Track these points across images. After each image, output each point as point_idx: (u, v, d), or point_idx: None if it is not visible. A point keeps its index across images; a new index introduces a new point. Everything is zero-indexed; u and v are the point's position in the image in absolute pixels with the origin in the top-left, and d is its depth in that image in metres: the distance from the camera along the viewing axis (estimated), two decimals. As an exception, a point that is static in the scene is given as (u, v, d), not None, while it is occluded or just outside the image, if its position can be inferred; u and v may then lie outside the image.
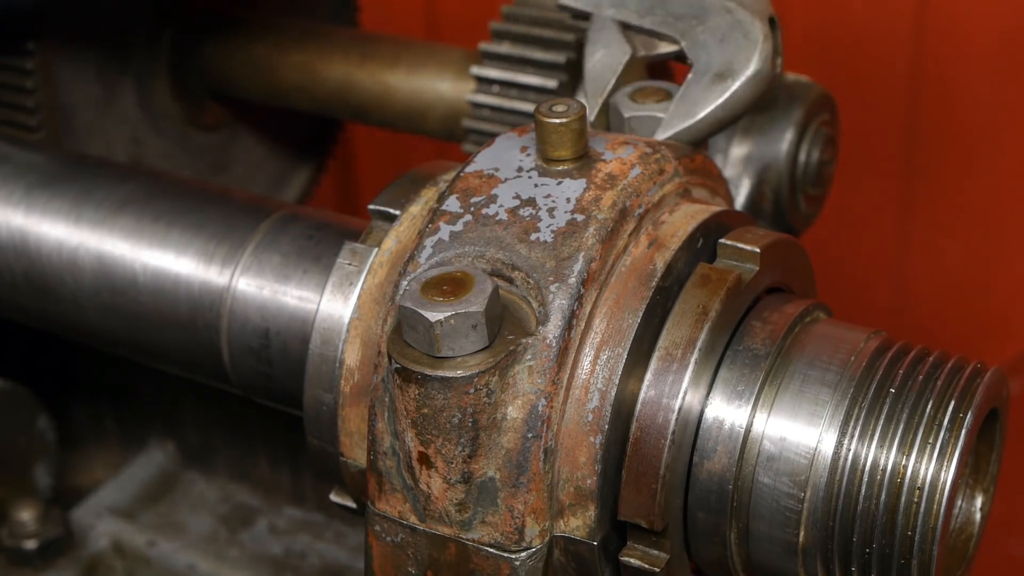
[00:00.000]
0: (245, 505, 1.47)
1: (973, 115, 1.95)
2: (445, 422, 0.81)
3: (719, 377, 0.86)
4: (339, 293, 0.94)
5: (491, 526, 0.84)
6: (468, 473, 0.82)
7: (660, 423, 0.83)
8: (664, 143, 0.93)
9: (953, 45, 1.91)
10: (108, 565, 1.41)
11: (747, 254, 0.88)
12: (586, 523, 0.84)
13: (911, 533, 0.82)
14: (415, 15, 2.16)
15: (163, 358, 1.12)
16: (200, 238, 1.07)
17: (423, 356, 0.81)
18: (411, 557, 0.87)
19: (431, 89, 1.36)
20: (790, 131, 1.18)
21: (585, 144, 0.89)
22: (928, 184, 2.02)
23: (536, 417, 0.82)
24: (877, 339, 0.88)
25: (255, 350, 1.03)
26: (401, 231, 0.94)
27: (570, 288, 0.83)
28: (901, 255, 2.10)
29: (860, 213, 2.06)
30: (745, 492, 0.86)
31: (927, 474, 0.82)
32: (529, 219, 0.86)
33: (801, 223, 1.23)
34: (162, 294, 1.07)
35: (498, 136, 0.94)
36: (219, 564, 1.40)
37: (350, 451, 0.92)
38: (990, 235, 2.02)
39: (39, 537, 1.35)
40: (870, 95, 1.97)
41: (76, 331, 1.15)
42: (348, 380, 0.91)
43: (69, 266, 1.11)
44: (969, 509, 0.92)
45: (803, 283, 0.97)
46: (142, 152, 1.44)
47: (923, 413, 0.84)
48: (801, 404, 0.85)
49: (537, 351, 0.82)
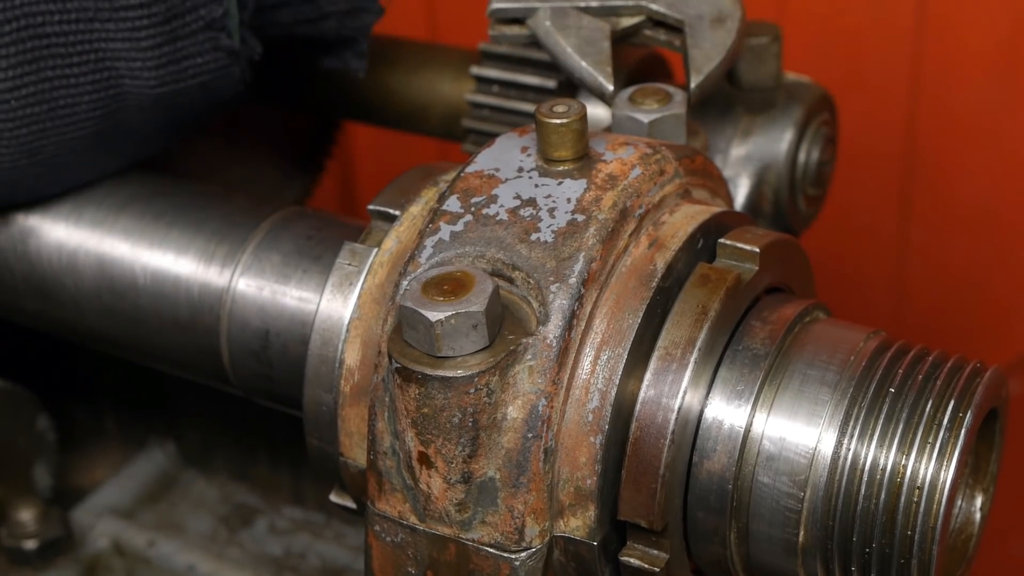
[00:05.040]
0: (245, 505, 1.47)
1: (973, 115, 1.95)
2: (445, 422, 0.81)
3: (719, 377, 0.86)
4: (339, 293, 0.94)
5: (491, 526, 0.84)
6: (468, 473, 0.83)
7: (660, 423, 0.83)
8: (664, 144, 0.93)
9: (953, 45, 1.91)
10: (108, 565, 1.41)
11: (747, 254, 0.88)
12: (586, 523, 0.85)
13: (911, 533, 0.82)
14: (415, 15, 2.16)
15: (163, 359, 1.12)
16: (200, 238, 1.07)
17: (423, 356, 0.81)
18: (411, 557, 0.87)
19: (431, 89, 1.36)
20: (790, 131, 1.17)
21: (586, 144, 0.89)
22: (928, 184, 2.02)
23: (536, 417, 0.82)
24: (876, 339, 0.89)
25: (255, 351, 1.03)
26: (401, 231, 0.94)
27: (570, 288, 0.83)
28: (901, 255, 2.10)
29: (860, 213, 2.06)
30: (745, 492, 0.86)
31: (927, 474, 0.82)
32: (530, 219, 0.86)
33: (801, 223, 1.23)
34: (162, 296, 1.07)
35: (498, 136, 0.94)
36: (219, 564, 1.40)
37: (350, 451, 0.92)
38: (989, 235, 2.02)
39: (39, 537, 1.35)
40: (870, 95, 1.97)
41: (76, 333, 1.15)
42: (348, 380, 0.91)
43: (69, 268, 1.11)
44: (969, 509, 0.92)
45: (803, 283, 0.97)
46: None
47: (923, 413, 0.84)
48: (801, 404, 0.86)
49: (537, 351, 0.82)
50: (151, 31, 1.02)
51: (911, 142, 2.00)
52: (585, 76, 1.01)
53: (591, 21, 1.02)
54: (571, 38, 1.01)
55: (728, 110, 1.18)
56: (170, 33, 1.03)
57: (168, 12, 1.02)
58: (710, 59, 1.01)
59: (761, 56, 1.15)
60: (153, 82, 1.05)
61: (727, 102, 1.18)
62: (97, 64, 1.04)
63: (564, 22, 1.02)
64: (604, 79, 0.99)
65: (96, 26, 1.02)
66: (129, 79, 1.04)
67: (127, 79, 1.04)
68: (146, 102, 1.06)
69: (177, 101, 1.07)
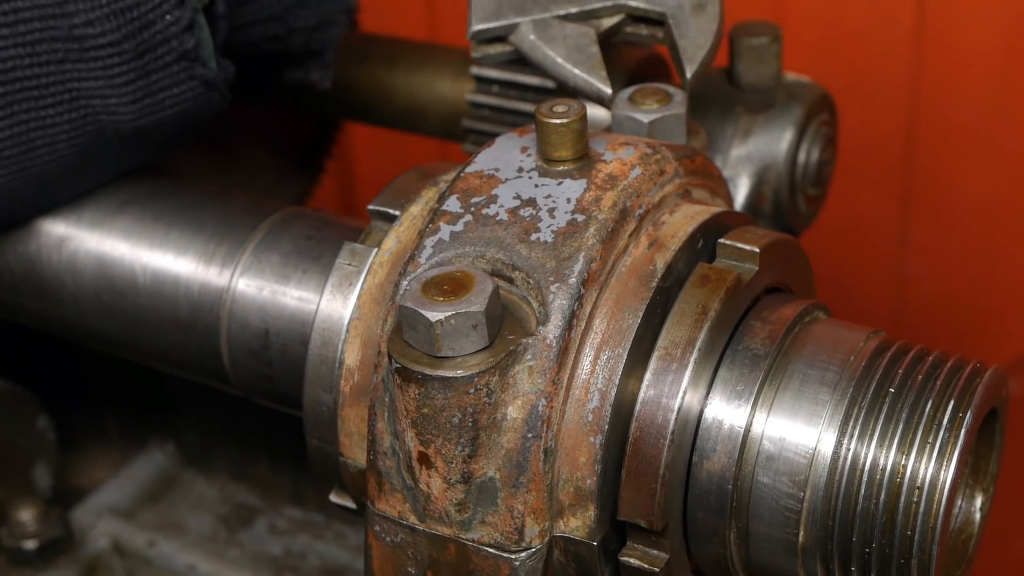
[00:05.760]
0: (245, 505, 1.47)
1: (972, 115, 1.95)
2: (445, 422, 0.81)
3: (718, 377, 0.86)
4: (339, 293, 0.94)
5: (491, 526, 0.84)
6: (468, 473, 0.83)
7: (660, 423, 0.83)
8: (664, 144, 0.93)
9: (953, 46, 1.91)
10: (108, 565, 1.41)
11: (746, 254, 0.88)
12: (586, 523, 0.85)
13: (911, 533, 0.82)
14: (415, 15, 2.16)
15: (163, 359, 1.12)
16: (200, 238, 1.07)
17: (423, 356, 0.81)
18: (411, 557, 0.87)
19: (430, 89, 1.36)
20: (790, 131, 1.17)
21: (585, 145, 0.89)
22: (928, 184, 2.02)
23: (536, 417, 0.82)
24: (876, 339, 0.88)
25: (255, 351, 1.03)
26: (401, 231, 0.94)
27: (570, 288, 0.83)
28: (901, 255, 2.10)
29: (860, 213, 2.06)
30: (744, 492, 0.86)
31: (927, 474, 0.82)
32: (529, 219, 0.86)
33: (801, 223, 1.23)
34: (162, 295, 1.07)
35: (498, 136, 0.94)
36: (219, 564, 1.40)
37: (350, 451, 0.92)
38: (989, 236, 2.02)
39: (39, 537, 1.35)
40: (870, 95, 1.97)
41: (76, 332, 1.15)
42: (348, 380, 0.91)
43: (69, 268, 1.11)
44: (969, 509, 0.92)
45: (802, 283, 0.97)
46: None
47: (922, 413, 0.84)
48: (800, 404, 0.85)
49: (537, 351, 0.82)
50: (123, 67, 1.02)
51: (911, 142, 2.00)
52: (580, 83, 1.00)
53: (575, 28, 1.01)
54: (559, 48, 1.01)
55: (728, 110, 1.18)
56: (143, 68, 1.02)
57: (139, 48, 1.02)
58: (700, 47, 1.00)
59: (761, 56, 1.15)
60: (131, 116, 1.04)
61: (727, 102, 1.18)
62: (72, 104, 1.03)
63: (548, 33, 1.01)
64: (600, 83, 0.99)
65: (67, 67, 1.02)
66: (105, 115, 1.04)
67: (103, 115, 1.04)
68: (126, 133, 1.06)
69: (159, 130, 1.07)
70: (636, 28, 1.03)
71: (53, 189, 1.09)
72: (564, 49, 1.00)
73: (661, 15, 1.02)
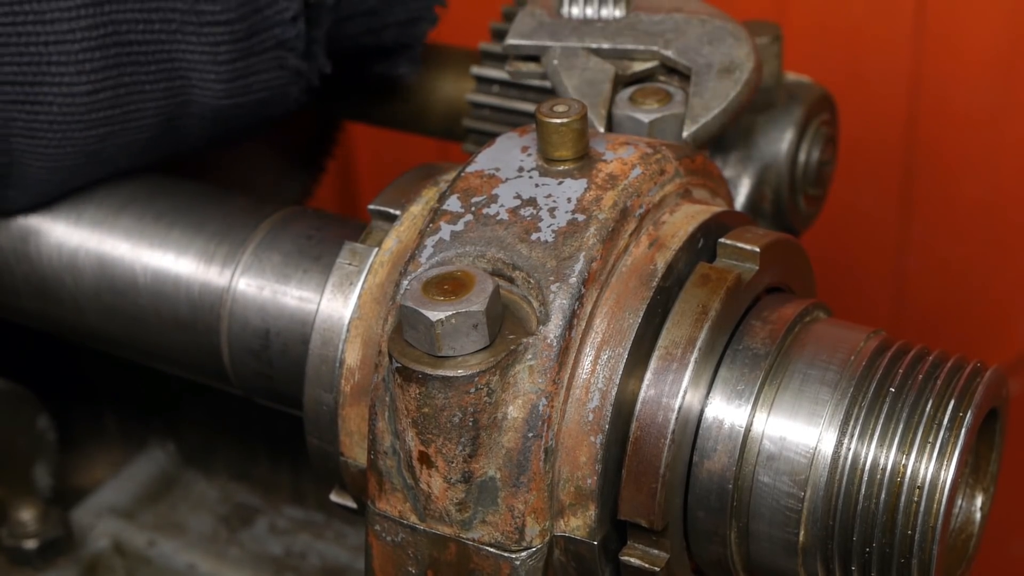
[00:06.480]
0: (245, 505, 1.47)
1: (973, 115, 1.95)
2: (446, 421, 0.81)
3: (719, 376, 0.86)
4: (339, 293, 0.94)
5: (491, 526, 0.84)
6: (468, 473, 0.83)
7: (660, 422, 0.83)
8: (664, 143, 0.93)
9: (953, 44, 1.91)
10: (108, 565, 1.41)
11: (747, 253, 0.88)
12: (586, 523, 0.85)
13: (911, 532, 0.82)
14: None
15: (163, 359, 1.12)
16: (200, 238, 1.07)
17: (424, 355, 0.81)
18: (411, 557, 0.87)
19: (431, 89, 1.36)
20: (790, 131, 1.18)
21: (586, 144, 0.89)
22: (928, 184, 2.02)
23: (537, 417, 0.82)
24: (877, 338, 0.89)
25: (255, 351, 1.03)
26: (402, 231, 0.94)
27: (571, 288, 0.83)
28: (901, 255, 2.09)
29: (860, 213, 2.06)
30: (745, 491, 0.86)
31: (927, 473, 0.82)
32: (530, 219, 0.86)
33: (801, 223, 1.23)
34: (162, 295, 1.07)
35: (499, 136, 0.94)
36: (219, 564, 1.40)
37: (350, 451, 0.92)
38: (990, 235, 2.02)
39: (39, 537, 1.35)
40: (870, 95, 1.97)
41: (76, 332, 1.15)
42: (348, 380, 0.91)
43: (69, 267, 1.11)
44: (969, 509, 0.92)
45: (803, 283, 0.97)
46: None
47: (923, 412, 0.84)
48: (801, 403, 0.86)
49: (538, 351, 0.82)
50: (230, 46, 1.05)
51: (911, 141, 2.00)
52: None
53: (597, 63, 1.02)
54: (574, 79, 1.03)
55: (728, 110, 1.18)
56: (245, 50, 1.06)
57: (249, 29, 1.05)
58: (707, 109, 1.00)
59: (761, 56, 1.15)
60: (220, 94, 1.07)
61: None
62: (171, 73, 1.06)
63: (572, 62, 1.03)
64: (596, 121, 1.00)
65: (179, 37, 1.04)
66: (199, 89, 1.07)
67: (197, 89, 1.07)
68: (207, 112, 1.09)
69: (235, 113, 1.10)
70: (669, 79, 1.04)
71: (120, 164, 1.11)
72: (578, 81, 1.02)
73: (688, 69, 1.02)
